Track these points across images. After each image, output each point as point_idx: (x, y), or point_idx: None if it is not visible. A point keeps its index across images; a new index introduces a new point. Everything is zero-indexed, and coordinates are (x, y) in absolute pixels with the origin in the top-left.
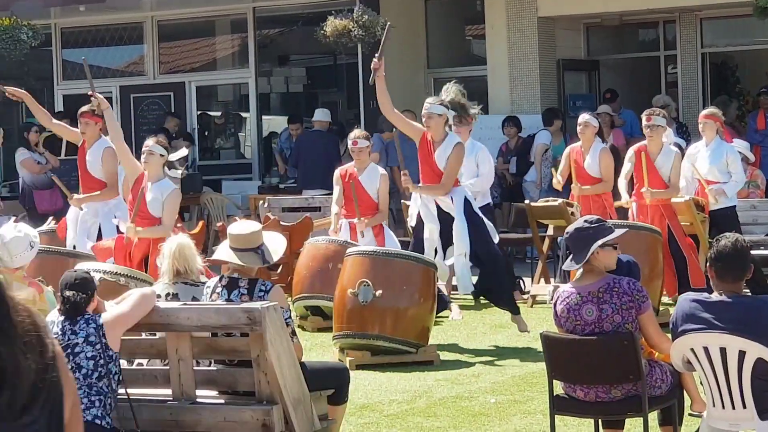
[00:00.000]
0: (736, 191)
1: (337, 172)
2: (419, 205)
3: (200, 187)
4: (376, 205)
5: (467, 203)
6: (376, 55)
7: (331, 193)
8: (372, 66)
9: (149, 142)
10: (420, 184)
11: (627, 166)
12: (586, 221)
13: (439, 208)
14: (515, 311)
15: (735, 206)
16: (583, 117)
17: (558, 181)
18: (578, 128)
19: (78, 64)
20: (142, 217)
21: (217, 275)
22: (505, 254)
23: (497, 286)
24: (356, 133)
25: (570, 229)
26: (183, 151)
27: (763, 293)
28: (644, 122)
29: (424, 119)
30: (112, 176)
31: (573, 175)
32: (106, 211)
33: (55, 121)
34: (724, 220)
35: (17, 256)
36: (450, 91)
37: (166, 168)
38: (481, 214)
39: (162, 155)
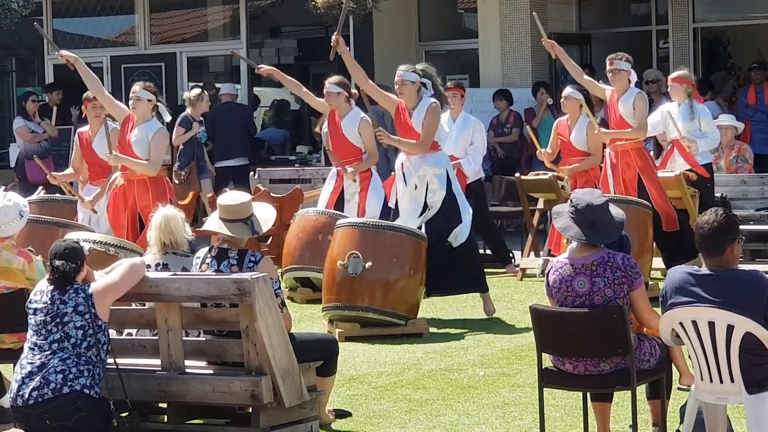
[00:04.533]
0: (708, 149)
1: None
2: (398, 175)
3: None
4: (359, 150)
5: (448, 180)
6: (336, 32)
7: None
8: (332, 42)
9: (136, 88)
10: (399, 138)
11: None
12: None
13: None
14: (484, 289)
15: (710, 164)
16: (566, 90)
17: (542, 152)
18: (561, 102)
19: (69, 34)
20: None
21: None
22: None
23: (470, 268)
24: (330, 78)
25: (582, 205)
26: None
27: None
28: (607, 66)
29: (396, 86)
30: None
31: (560, 151)
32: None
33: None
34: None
35: (6, 225)
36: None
37: (155, 113)
38: (458, 187)
39: (149, 100)
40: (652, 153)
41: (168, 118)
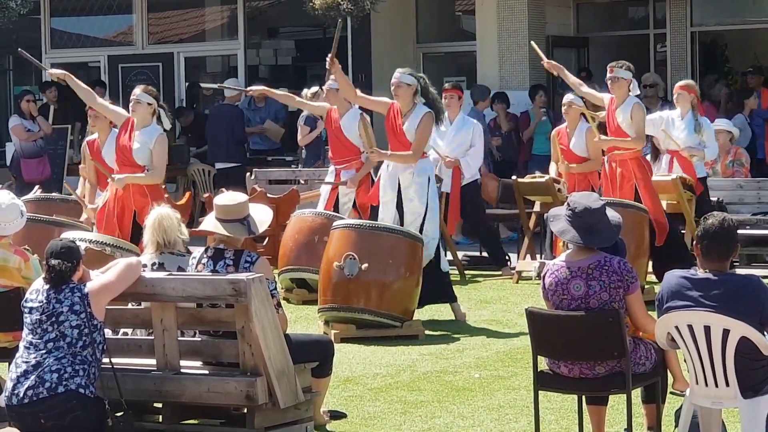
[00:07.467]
0: (708, 159)
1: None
2: (383, 177)
3: (187, 158)
4: (358, 150)
5: (430, 184)
6: (329, 55)
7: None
8: (327, 65)
9: (137, 91)
10: (389, 152)
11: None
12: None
13: (399, 188)
14: (453, 299)
15: (705, 177)
16: (567, 98)
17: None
18: (562, 109)
19: (66, 33)
20: (125, 165)
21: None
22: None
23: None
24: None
25: (580, 208)
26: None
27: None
28: (607, 74)
29: (393, 87)
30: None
31: (560, 156)
32: None
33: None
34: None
35: (8, 224)
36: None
37: (155, 118)
38: (436, 198)
39: (149, 104)
40: (649, 156)
41: (168, 125)
